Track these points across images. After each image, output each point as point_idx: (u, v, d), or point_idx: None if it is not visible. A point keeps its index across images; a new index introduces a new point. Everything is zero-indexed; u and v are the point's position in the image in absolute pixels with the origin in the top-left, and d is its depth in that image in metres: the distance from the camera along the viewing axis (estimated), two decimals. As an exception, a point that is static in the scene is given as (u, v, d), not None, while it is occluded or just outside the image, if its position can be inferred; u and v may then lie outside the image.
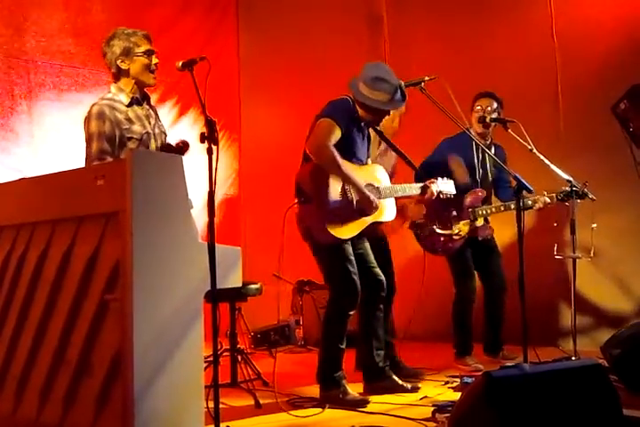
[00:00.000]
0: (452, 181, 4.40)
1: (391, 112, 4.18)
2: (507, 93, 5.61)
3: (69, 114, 5.91)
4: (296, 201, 3.87)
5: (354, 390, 3.85)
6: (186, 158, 2.86)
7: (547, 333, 5.48)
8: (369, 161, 4.14)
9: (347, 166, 3.79)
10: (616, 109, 4.87)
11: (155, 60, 3.45)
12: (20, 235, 3.11)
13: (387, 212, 4.05)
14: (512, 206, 4.57)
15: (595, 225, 4.49)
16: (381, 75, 3.88)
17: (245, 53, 7.59)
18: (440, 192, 4.28)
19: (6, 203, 3.21)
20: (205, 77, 2.83)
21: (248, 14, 7.58)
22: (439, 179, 4.31)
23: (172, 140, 3.65)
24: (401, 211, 4.45)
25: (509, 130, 4.06)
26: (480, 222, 4.79)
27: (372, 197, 3.84)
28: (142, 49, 3.42)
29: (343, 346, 3.86)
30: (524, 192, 3.41)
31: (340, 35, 6.64)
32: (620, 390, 3.01)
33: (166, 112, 6.62)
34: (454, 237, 4.76)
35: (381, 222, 4.08)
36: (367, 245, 4.06)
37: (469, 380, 3.90)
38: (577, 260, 4.36)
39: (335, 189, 3.81)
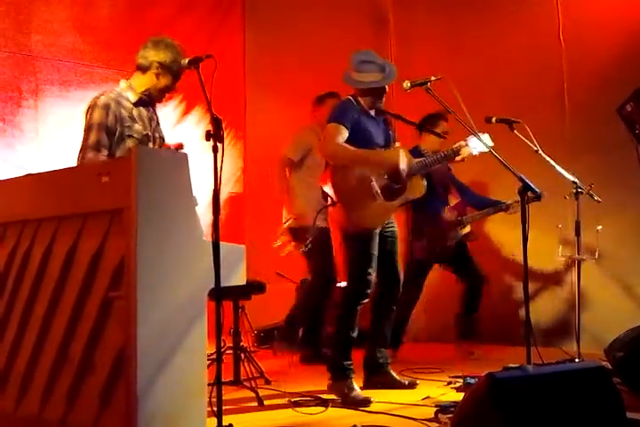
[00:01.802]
0: (486, 135, 4.09)
1: None
2: (512, 94, 5.62)
3: (75, 111, 5.87)
4: (326, 205, 4.14)
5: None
6: (191, 156, 2.85)
7: (550, 334, 5.48)
8: (397, 144, 4.23)
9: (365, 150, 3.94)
10: (622, 111, 4.86)
11: (174, 87, 3.51)
12: (24, 231, 3.11)
13: (414, 189, 4.09)
14: (492, 212, 5.17)
15: (600, 227, 4.48)
16: (366, 58, 4.11)
17: (251, 51, 7.58)
18: (477, 151, 4.21)
19: (11, 199, 3.21)
20: (211, 75, 2.83)
21: (253, 12, 7.57)
22: (468, 138, 4.18)
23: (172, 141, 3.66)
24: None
25: (515, 131, 4.05)
26: (467, 229, 5.19)
27: (397, 159, 3.95)
28: (179, 75, 3.45)
29: (354, 334, 3.97)
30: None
31: (345, 34, 6.63)
32: (624, 393, 3.00)
33: (171, 110, 6.62)
34: (449, 243, 5.13)
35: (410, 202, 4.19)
36: (396, 242, 4.16)
37: (472, 380, 3.89)
38: (581, 261, 4.35)
39: (356, 183, 3.92)
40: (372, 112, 4.13)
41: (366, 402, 3.75)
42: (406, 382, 4.10)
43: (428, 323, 5.94)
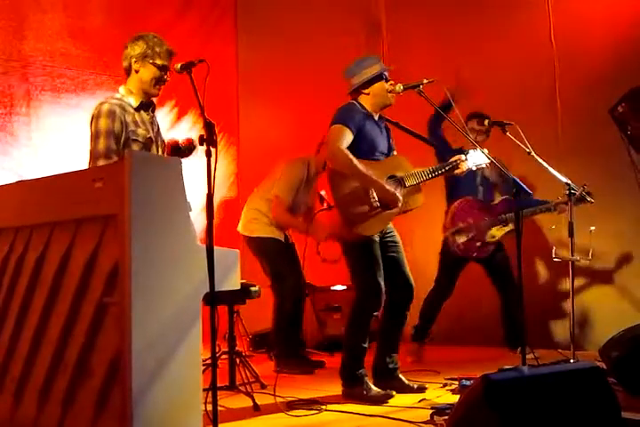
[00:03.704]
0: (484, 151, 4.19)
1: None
2: (505, 96, 5.63)
3: (68, 117, 5.91)
4: (321, 209, 3.99)
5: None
6: (184, 161, 2.85)
7: (545, 335, 5.48)
8: (394, 153, 4.18)
9: (363, 166, 3.85)
10: (614, 112, 4.88)
11: (166, 78, 3.48)
12: (18, 237, 3.11)
13: (415, 199, 4.06)
14: (538, 211, 4.93)
15: (593, 228, 4.49)
16: (358, 60, 4.08)
17: (244, 56, 7.60)
18: (474, 165, 4.21)
19: (5, 205, 3.20)
20: (204, 80, 2.83)
21: (246, 17, 7.58)
22: (469, 152, 4.21)
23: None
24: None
25: (507, 133, 4.06)
26: (509, 228, 5.03)
27: (394, 191, 3.88)
28: (159, 62, 3.43)
29: (366, 345, 3.95)
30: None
31: (338, 38, 6.65)
32: (619, 393, 3.00)
33: (164, 115, 6.62)
34: (488, 240, 5.02)
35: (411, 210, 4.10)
36: (400, 247, 4.10)
37: (468, 382, 3.89)
38: (575, 262, 4.36)
39: (355, 188, 3.85)
40: (376, 116, 4.06)
41: (387, 397, 3.81)
42: (415, 387, 4.05)
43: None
